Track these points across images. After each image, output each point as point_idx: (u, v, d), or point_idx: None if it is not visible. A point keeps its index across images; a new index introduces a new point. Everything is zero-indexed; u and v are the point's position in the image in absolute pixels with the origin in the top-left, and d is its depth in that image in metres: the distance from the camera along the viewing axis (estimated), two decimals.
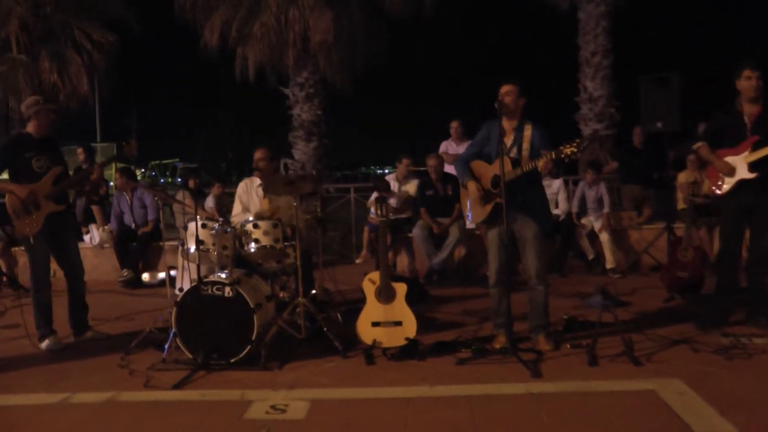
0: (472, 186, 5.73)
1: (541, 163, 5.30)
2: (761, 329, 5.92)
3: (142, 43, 19.05)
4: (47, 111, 6.34)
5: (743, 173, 5.96)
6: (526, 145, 5.56)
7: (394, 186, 9.89)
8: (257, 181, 6.99)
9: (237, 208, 7.09)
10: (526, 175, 5.46)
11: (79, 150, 11.51)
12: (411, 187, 9.73)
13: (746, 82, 5.97)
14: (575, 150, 5.18)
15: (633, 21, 16.77)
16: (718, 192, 6.13)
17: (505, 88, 5.62)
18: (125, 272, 9.72)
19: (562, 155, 5.21)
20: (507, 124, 5.66)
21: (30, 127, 6.34)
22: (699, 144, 6.29)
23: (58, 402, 4.83)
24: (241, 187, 7.15)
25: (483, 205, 5.70)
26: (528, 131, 5.60)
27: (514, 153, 5.57)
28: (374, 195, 9.04)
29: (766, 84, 5.93)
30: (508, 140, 5.64)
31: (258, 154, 6.91)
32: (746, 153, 5.94)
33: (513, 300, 5.71)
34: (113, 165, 13.59)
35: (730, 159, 6.03)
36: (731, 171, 5.98)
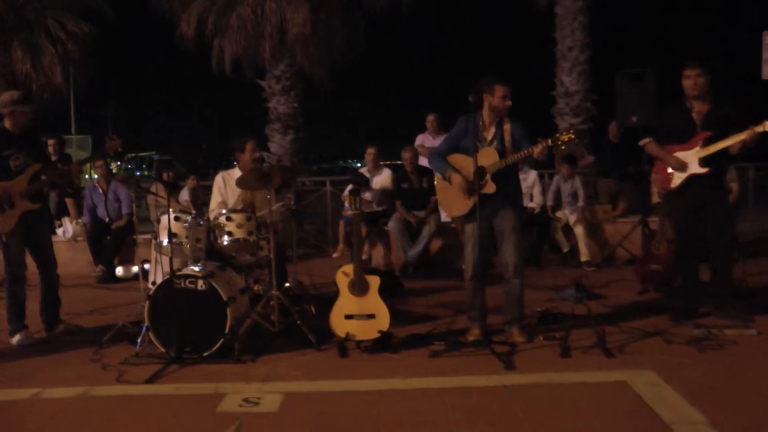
0: (457, 178, 5.71)
1: (537, 150, 5.36)
2: (732, 321, 5.99)
3: (118, 33, 18.88)
4: (21, 113, 6.19)
5: (695, 168, 6.05)
6: (507, 138, 5.62)
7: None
8: (236, 174, 6.92)
9: (215, 202, 6.96)
10: (506, 168, 5.51)
11: (51, 142, 11.28)
12: (386, 179, 9.73)
13: (686, 81, 6.12)
14: (572, 137, 5.29)
15: (610, 16, 16.84)
16: (670, 186, 6.22)
17: (507, 91, 5.63)
18: (99, 269, 9.63)
19: (559, 142, 5.30)
20: (488, 118, 5.68)
21: (6, 123, 6.19)
22: (646, 140, 6.43)
23: (29, 397, 4.79)
24: (219, 180, 7.03)
25: (466, 197, 5.69)
26: (508, 125, 5.66)
27: (495, 145, 5.61)
28: (348, 188, 9.03)
29: (741, 81, 6.02)
30: (489, 134, 5.69)
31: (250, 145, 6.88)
32: (697, 148, 6.04)
33: (487, 293, 5.74)
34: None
35: (681, 154, 6.15)
36: (683, 166, 6.07)
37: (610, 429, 3.94)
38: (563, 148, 5.45)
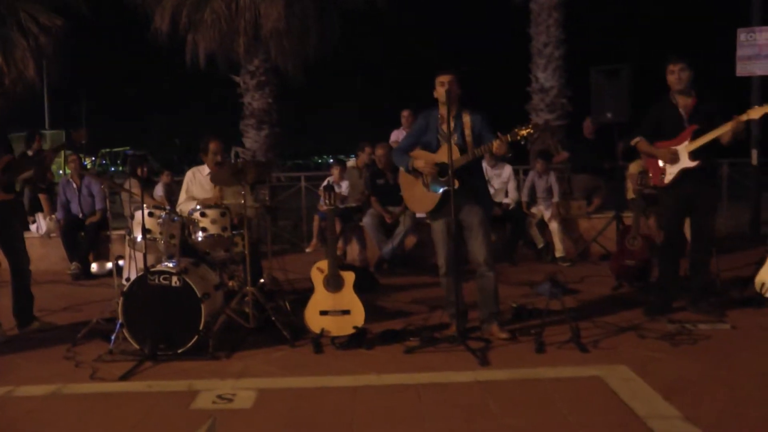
0: (420, 163, 5.68)
1: (495, 146, 5.33)
2: (705, 315, 6.04)
3: (91, 27, 18.65)
4: None
5: (685, 162, 6.07)
6: (467, 131, 5.59)
7: (348, 171, 9.97)
8: (205, 170, 6.91)
9: (183, 196, 6.97)
10: (470, 162, 5.49)
11: (37, 137, 11.31)
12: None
13: (670, 76, 6.13)
14: (531, 131, 5.26)
15: (585, 12, 16.89)
16: (663, 182, 6.22)
17: (446, 78, 5.61)
18: (74, 266, 9.54)
19: (518, 137, 5.27)
20: (443, 110, 5.65)
21: None
22: (637, 139, 6.38)
23: (1, 395, 4.74)
24: (189, 175, 7.03)
25: (430, 193, 5.68)
26: (467, 118, 5.63)
27: (455, 140, 5.57)
28: (325, 183, 9.03)
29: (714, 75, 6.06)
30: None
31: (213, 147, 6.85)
32: (687, 142, 6.06)
33: (465, 289, 5.74)
34: (62, 153, 13.37)
35: (671, 148, 6.14)
36: (675, 157, 6.08)
37: (585, 424, 3.95)
38: (522, 143, 5.42)
